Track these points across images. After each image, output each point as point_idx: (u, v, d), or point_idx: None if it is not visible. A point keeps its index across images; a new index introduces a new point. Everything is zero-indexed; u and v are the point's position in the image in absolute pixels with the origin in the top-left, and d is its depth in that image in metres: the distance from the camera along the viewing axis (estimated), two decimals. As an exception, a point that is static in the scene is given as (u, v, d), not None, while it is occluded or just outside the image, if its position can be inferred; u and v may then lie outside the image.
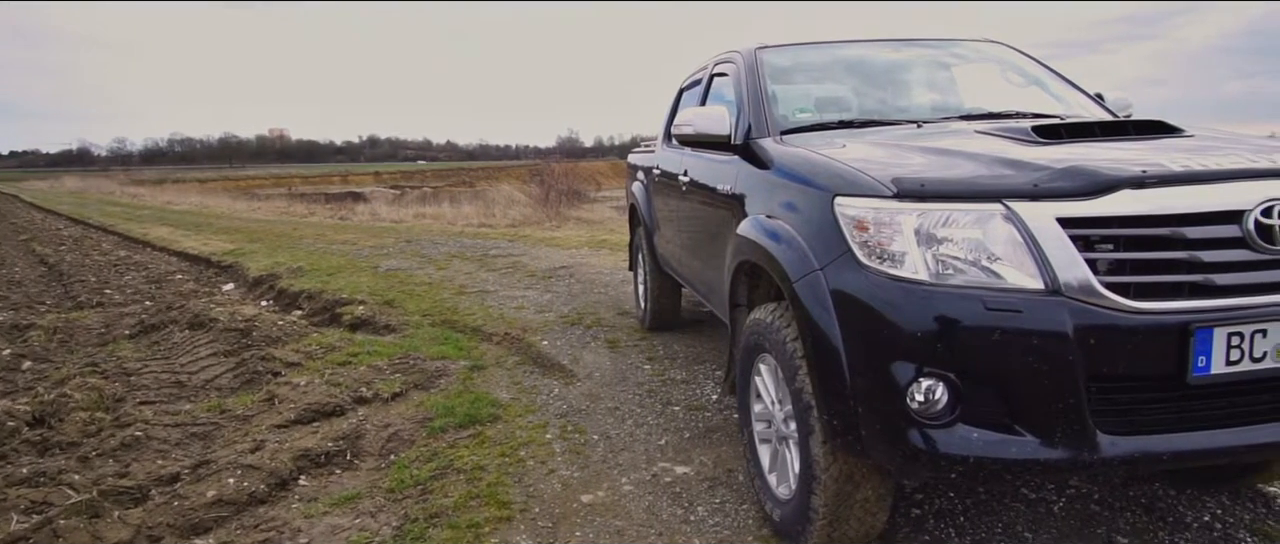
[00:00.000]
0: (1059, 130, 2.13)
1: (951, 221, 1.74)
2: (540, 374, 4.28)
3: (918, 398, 1.70)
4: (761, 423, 2.54)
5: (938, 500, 2.63)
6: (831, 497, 2.06)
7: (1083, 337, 1.59)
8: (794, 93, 3.22)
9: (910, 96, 3.19)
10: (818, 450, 2.03)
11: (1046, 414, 1.64)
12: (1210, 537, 2.39)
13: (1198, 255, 1.64)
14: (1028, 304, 1.63)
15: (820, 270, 1.92)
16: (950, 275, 1.71)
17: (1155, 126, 2.22)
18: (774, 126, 2.77)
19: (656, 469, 3.00)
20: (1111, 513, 2.55)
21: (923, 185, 1.79)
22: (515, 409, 3.69)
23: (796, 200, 2.20)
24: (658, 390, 3.93)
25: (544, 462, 3.09)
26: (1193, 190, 1.68)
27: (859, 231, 1.84)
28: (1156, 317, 1.60)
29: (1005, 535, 2.42)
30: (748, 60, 3.21)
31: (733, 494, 2.76)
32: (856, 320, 1.80)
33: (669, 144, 4.24)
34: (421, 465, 3.07)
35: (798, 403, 2.08)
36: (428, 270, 8.17)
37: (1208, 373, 1.61)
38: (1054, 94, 3.20)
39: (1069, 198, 1.68)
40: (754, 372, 2.51)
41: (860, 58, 3.41)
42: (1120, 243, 1.66)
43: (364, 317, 5.79)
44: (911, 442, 1.72)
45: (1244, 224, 1.65)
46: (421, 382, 4.11)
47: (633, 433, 3.38)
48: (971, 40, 3.61)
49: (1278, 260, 1.66)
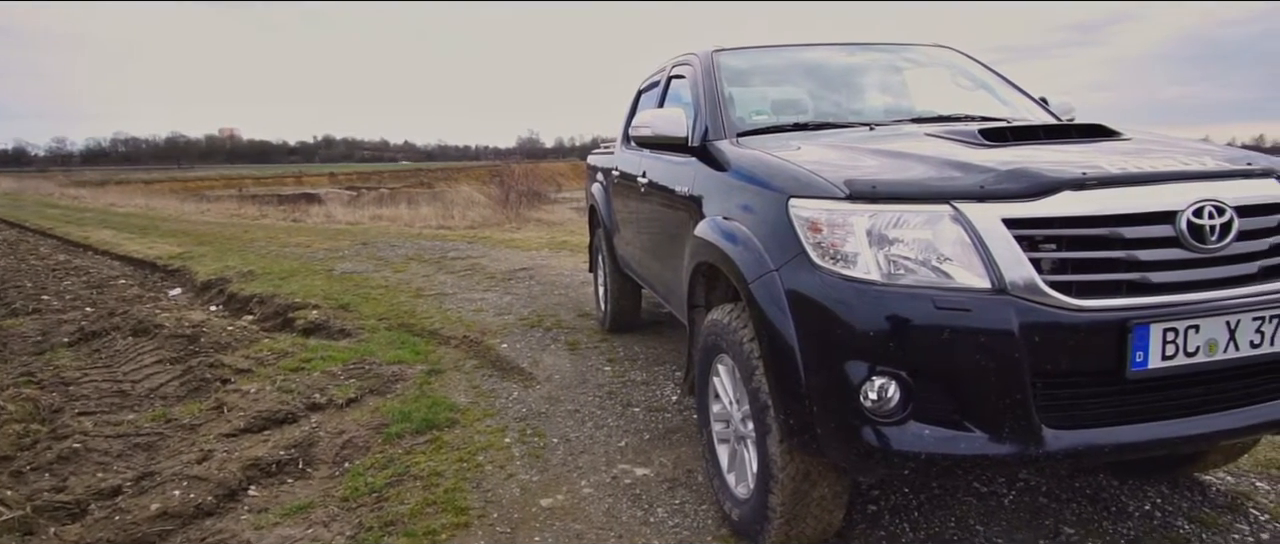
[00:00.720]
0: (1005, 133, 2.18)
1: (902, 222, 1.77)
2: (499, 377, 4.24)
3: (871, 396, 1.73)
4: (720, 423, 2.56)
5: (893, 496, 2.68)
6: (789, 495, 2.08)
7: (1028, 334, 1.64)
8: (750, 95, 3.25)
9: (863, 99, 3.25)
10: (775, 450, 2.05)
11: (994, 410, 1.68)
12: (1151, 524, 2.48)
13: (1135, 254, 1.70)
14: (976, 303, 1.67)
15: (775, 271, 1.94)
16: (901, 275, 1.74)
17: (1095, 130, 2.30)
18: (730, 129, 2.79)
19: (617, 471, 2.99)
20: (1059, 504, 2.63)
21: (874, 187, 1.82)
22: (474, 413, 3.65)
23: (752, 202, 2.21)
24: (618, 392, 3.92)
25: (503, 466, 3.06)
26: (1129, 192, 1.74)
27: (813, 233, 1.86)
28: (1097, 314, 1.65)
29: (958, 529, 2.48)
30: (704, 63, 3.23)
31: (692, 495, 2.77)
32: (811, 320, 1.82)
33: (628, 146, 4.24)
34: (377, 473, 3.01)
35: (755, 403, 2.10)
36: (384, 273, 8.03)
37: (1145, 368, 1.67)
38: (1001, 98, 3.28)
39: (1014, 199, 1.72)
40: (712, 372, 2.53)
41: (815, 61, 3.46)
42: (1062, 242, 1.71)
43: (318, 321, 5.67)
44: (865, 439, 1.75)
45: (1177, 224, 1.71)
46: (377, 387, 4.03)
47: (593, 435, 3.37)
48: (923, 45, 3.69)
49: (1208, 259, 1.73)
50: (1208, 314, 1.69)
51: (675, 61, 3.76)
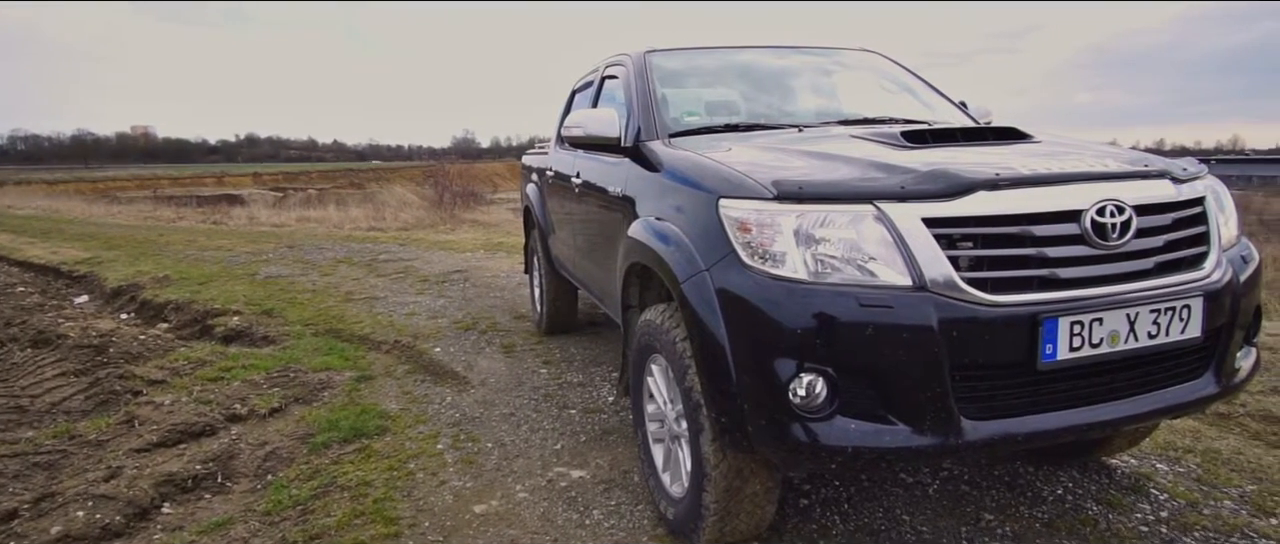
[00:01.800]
0: (925, 135, 2.26)
1: (828, 222, 1.81)
2: (432, 382, 4.15)
3: (799, 393, 1.76)
4: (655, 423, 2.57)
5: (824, 490, 2.74)
6: (722, 492, 2.10)
7: (947, 329, 1.69)
8: (683, 96, 3.26)
9: (793, 101, 3.31)
10: (707, 448, 2.06)
11: (916, 403, 1.73)
12: (1063, 507, 2.61)
13: (1044, 251, 1.78)
14: (897, 300, 1.72)
15: (706, 271, 1.95)
16: (828, 274, 1.78)
17: (1009, 133, 2.40)
18: (663, 129, 2.80)
19: (552, 474, 2.97)
20: (979, 492, 2.74)
21: (800, 188, 1.85)
22: (405, 420, 3.56)
23: (684, 202, 2.22)
24: (554, 394, 3.89)
25: (435, 473, 2.99)
26: (1039, 192, 1.82)
27: (742, 233, 1.89)
28: (1010, 309, 1.72)
29: (886, 519, 2.55)
30: (637, 63, 3.23)
31: (628, 496, 2.77)
32: (741, 319, 1.84)
33: (562, 146, 4.21)
34: (301, 484, 2.90)
35: (688, 402, 2.11)
36: (311, 277, 7.76)
37: (1055, 359, 1.75)
38: (923, 101, 3.40)
39: (933, 199, 1.78)
40: (646, 373, 2.53)
41: (746, 63, 3.50)
42: (978, 241, 1.78)
43: (239, 328, 5.43)
44: (794, 435, 1.78)
45: (1082, 222, 1.80)
46: (303, 395, 3.89)
47: (528, 439, 3.33)
48: (850, 49, 3.79)
49: (1111, 255, 1.83)
50: (1110, 307, 1.78)
51: (608, 62, 3.75)
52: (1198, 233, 2.01)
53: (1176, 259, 1.94)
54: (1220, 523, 2.49)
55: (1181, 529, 2.46)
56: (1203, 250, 2.00)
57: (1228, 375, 2.06)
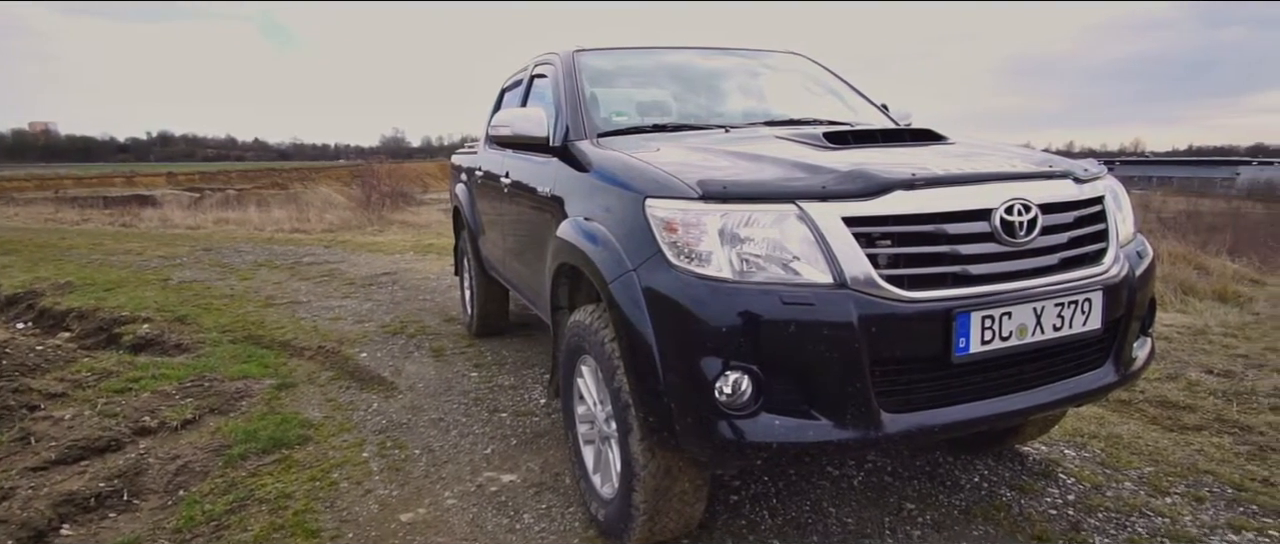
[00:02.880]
0: (846, 136, 2.31)
1: (752, 222, 1.83)
2: (358, 389, 4.02)
3: (725, 391, 1.78)
4: (585, 424, 2.55)
5: (753, 486, 2.77)
6: (651, 492, 2.10)
7: (866, 325, 1.74)
8: (611, 96, 3.25)
9: (720, 102, 3.34)
10: (636, 448, 2.06)
11: (838, 398, 1.77)
12: (979, 495, 2.72)
13: (957, 249, 1.85)
14: (819, 298, 1.75)
15: (634, 271, 1.95)
16: (752, 273, 1.80)
17: (926, 134, 2.49)
18: (591, 129, 2.78)
19: (482, 479, 2.91)
20: (901, 482, 2.82)
21: (725, 188, 1.87)
22: (328, 428, 3.44)
23: (612, 202, 2.22)
24: (485, 398, 3.83)
25: (360, 482, 2.89)
26: (952, 191, 1.89)
27: (668, 232, 1.89)
28: (925, 304, 1.78)
29: (812, 512, 2.60)
30: (566, 62, 3.20)
31: (560, 498, 2.74)
32: (668, 318, 1.84)
33: (491, 145, 4.15)
34: (216, 499, 2.76)
35: (617, 402, 2.10)
36: (229, 281, 7.41)
37: (968, 352, 1.82)
38: (847, 103, 3.49)
39: (852, 198, 1.83)
40: (576, 374, 2.51)
41: (675, 64, 3.52)
42: (895, 239, 1.83)
43: (150, 336, 5.14)
44: (721, 433, 1.79)
45: (992, 220, 1.88)
46: (218, 405, 3.70)
47: (457, 444, 3.26)
48: (777, 51, 3.85)
49: (1018, 252, 1.91)
50: (1019, 302, 1.87)
51: (537, 60, 3.71)
52: (1098, 230, 2.12)
53: (1078, 255, 2.04)
54: (1121, 503, 2.64)
55: (1087, 511, 2.60)
56: (1102, 247, 2.11)
57: (1126, 364, 2.18)
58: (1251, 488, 2.75)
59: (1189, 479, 2.83)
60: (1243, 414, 3.48)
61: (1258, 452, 3.09)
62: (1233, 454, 3.08)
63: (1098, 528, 2.49)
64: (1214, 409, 3.56)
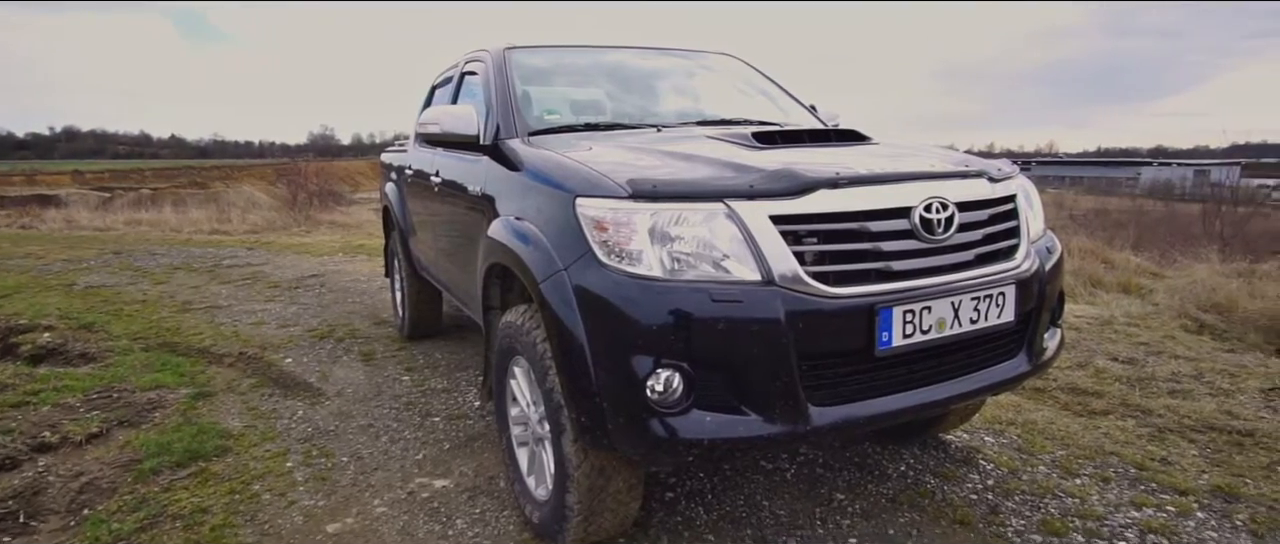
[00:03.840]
0: (774, 136, 2.35)
1: (682, 220, 1.84)
2: (282, 396, 3.87)
3: (656, 389, 1.78)
4: (518, 426, 2.52)
5: (689, 482, 2.79)
6: (585, 492, 2.09)
7: (793, 321, 1.77)
8: (543, 94, 3.22)
9: (652, 102, 3.35)
10: (569, 448, 2.05)
11: (767, 393, 1.79)
12: (906, 483, 2.81)
13: (879, 246, 1.90)
14: (747, 295, 1.77)
15: (564, 270, 1.93)
16: (682, 271, 1.81)
17: (850, 135, 2.55)
18: (522, 128, 2.75)
19: (413, 486, 2.85)
20: (832, 473, 2.89)
21: (654, 187, 1.87)
22: (249, 438, 3.29)
23: (542, 202, 2.19)
24: (417, 402, 3.74)
25: (283, 494, 2.78)
26: (874, 190, 1.94)
27: (599, 231, 1.88)
28: (850, 300, 1.83)
29: (746, 506, 2.64)
30: (497, 60, 3.16)
31: (494, 502, 2.70)
32: (599, 318, 1.84)
33: (422, 143, 4.05)
34: (124, 517, 2.61)
35: (549, 403, 2.08)
36: (142, 285, 7.03)
37: (890, 346, 1.87)
38: (777, 104, 3.55)
39: (779, 197, 1.86)
40: (509, 375, 2.48)
41: (608, 63, 3.51)
42: (821, 236, 1.87)
43: (51, 345, 4.82)
44: (653, 431, 1.79)
45: (912, 218, 1.94)
46: (128, 417, 3.50)
47: (388, 450, 3.18)
48: (711, 52, 3.89)
49: (937, 248, 1.98)
50: (938, 296, 1.93)
51: (468, 57, 3.65)
52: (1010, 227, 2.22)
53: (993, 251, 2.13)
54: (1036, 486, 2.78)
55: (1004, 495, 2.72)
56: (1015, 243, 2.21)
57: (1038, 354, 2.29)
58: (1151, 467, 2.93)
59: (1096, 461, 3.00)
60: (1144, 398, 3.71)
61: (1157, 433, 3.30)
62: (1135, 436, 3.27)
63: (1014, 510, 2.60)
64: (1119, 394, 3.78)
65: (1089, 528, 2.48)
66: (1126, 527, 2.49)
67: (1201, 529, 2.48)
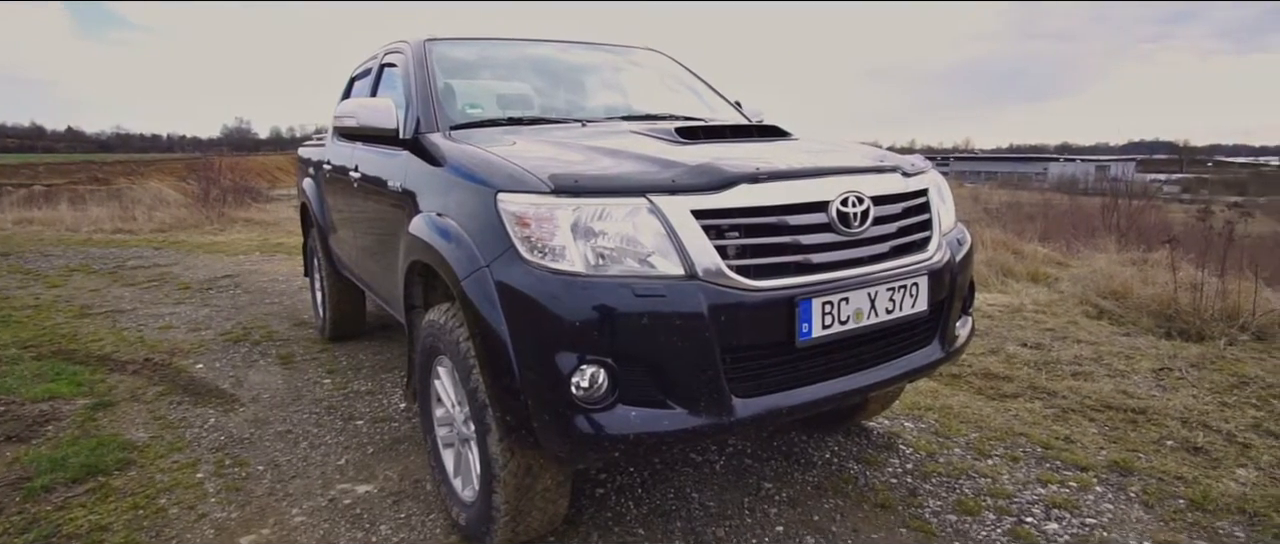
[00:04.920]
0: (697, 132, 2.37)
1: (605, 216, 1.83)
2: (191, 404, 3.67)
3: (581, 385, 1.77)
4: (444, 427, 2.47)
5: (619, 477, 2.80)
6: (512, 492, 2.06)
7: (716, 315, 1.79)
8: (466, 87, 3.15)
9: (577, 96, 3.32)
10: (495, 448, 2.01)
11: (691, 387, 1.81)
12: (830, 470, 2.89)
13: (798, 239, 1.94)
14: (671, 289, 1.78)
15: (486, 267, 1.90)
16: (605, 266, 1.80)
17: (772, 130, 2.59)
18: (444, 122, 2.68)
19: (335, 492, 2.75)
20: (760, 463, 2.95)
21: (577, 182, 1.86)
22: (155, 450, 3.11)
23: (464, 197, 2.15)
24: (339, 406, 3.61)
25: (192, 507, 2.64)
26: (793, 184, 1.98)
27: (521, 227, 1.85)
28: (771, 293, 1.86)
29: (676, 498, 2.66)
30: (417, 52, 3.07)
31: (420, 506, 2.64)
32: (522, 315, 1.81)
33: (340, 137, 3.91)
34: (12, 539, 2.43)
35: (474, 402, 2.04)
36: (34, 289, 6.56)
37: (810, 337, 1.91)
38: (702, 100, 3.58)
39: (701, 192, 1.87)
40: (433, 375, 2.42)
41: (532, 57, 3.46)
42: (742, 230, 1.90)
43: (-72, 356, 4.44)
44: (579, 428, 1.78)
45: (829, 212, 1.99)
46: (17, 432, 3.26)
47: (307, 456, 3.06)
48: (637, 47, 3.89)
49: (853, 241, 2.03)
50: (855, 288, 1.99)
51: (387, 49, 3.54)
52: (923, 220, 2.30)
53: (906, 243, 2.20)
54: (951, 468, 2.90)
55: (922, 477, 2.83)
56: (927, 235, 2.29)
57: (950, 341, 2.38)
58: (1056, 446, 3.10)
59: (1007, 442, 3.15)
60: (1050, 381, 3.92)
61: (1061, 413, 3.49)
62: (1042, 417, 3.45)
63: (931, 492, 2.71)
64: (1027, 378, 3.98)
65: (999, 506, 2.60)
66: (1033, 503, 2.63)
67: (1099, 502, 2.64)
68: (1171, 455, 3.02)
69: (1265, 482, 2.78)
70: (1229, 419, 3.37)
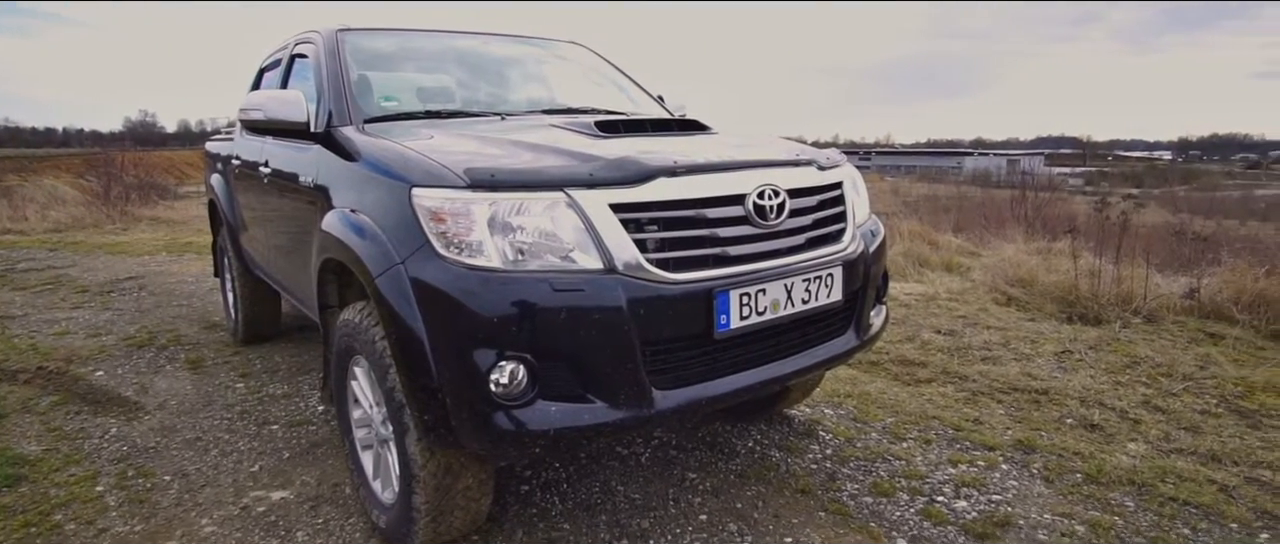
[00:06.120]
0: (617, 125, 2.37)
1: (522, 210, 1.81)
2: (91, 413, 3.46)
3: (500, 382, 1.75)
4: (362, 429, 2.40)
5: (545, 473, 2.78)
6: (432, 492, 2.03)
7: (635, 308, 1.80)
8: (382, 80, 3.06)
9: (498, 90, 3.27)
10: (414, 448, 1.98)
11: (611, 380, 1.81)
12: (753, 458, 2.95)
13: (716, 232, 1.96)
14: (589, 284, 1.78)
15: (401, 264, 1.85)
16: (523, 261, 1.79)
17: (692, 125, 2.62)
18: (357, 115, 2.60)
19: (248, 500, 2.64)
20: (685, 454, 2.98)
21: (493, 176, 1.83)
22: (50, 463, 2.92)
23: (378, 193, 2.09)
24: (252, 410, 3.47)
25: (92, 522, 2.49)
26: (711, 178, 2.01)
27: (436, 223, 1.82)
28: (689, 285, 1.88)
29: (602, 492, 2.67)
30: (329, 41, 2.97)
31: (339, 510, 2.56)
32: (438, 312, 1.78)
33: (249, 131, 3.74)
34: (-118, 565, 2.24)
35: (391, 403, 2.00)
36: (-90, 296, 6.04)
37: (728, 329, 1.94)
38: (626, 94, 3.58)
39: (619, 186, 1.87)
40: (350, 376, 2.36)
41: (450, 49, 3.39)
42: (660, 224, 1.91)
43: None
44: (498, 425, 1.76)
45: (746, 205, 2.02)
46: (-112, 449, 3.00)
47: (218, 464, 2.93)
48: (559, 41, 3.86)
49: (770, 233, 2.07)
50: (771, 279, 2.03)
51: (298, 38, 3.40)
52: (838, 212, 2.37)
53: (822, 235, 2.26)
54: (869, 452, 3.00)
55: (841, 462, 2.92)
56: (842, 227, 2.36)
57: (865, 330, 2.46)
58: (966, 428, 3.25)
59: (921, 425, 3.29)
60: (961, 366, 4.11)
61: (971, 397, 3.67)
62: (954, 400, 3.62)
63: (849, 476, 2.80)
64: (941, 364, 4.16)
65: (913, 487, 2.71)
66: (944, 482, 2.75)
67: (1005, 479, 2.78)
68: (1070, 433, 3.22)
69: (1153, 454, 2.98)
70: (1122, 397, 3.60)
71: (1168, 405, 3.49)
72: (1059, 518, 2.49)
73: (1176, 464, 2.87)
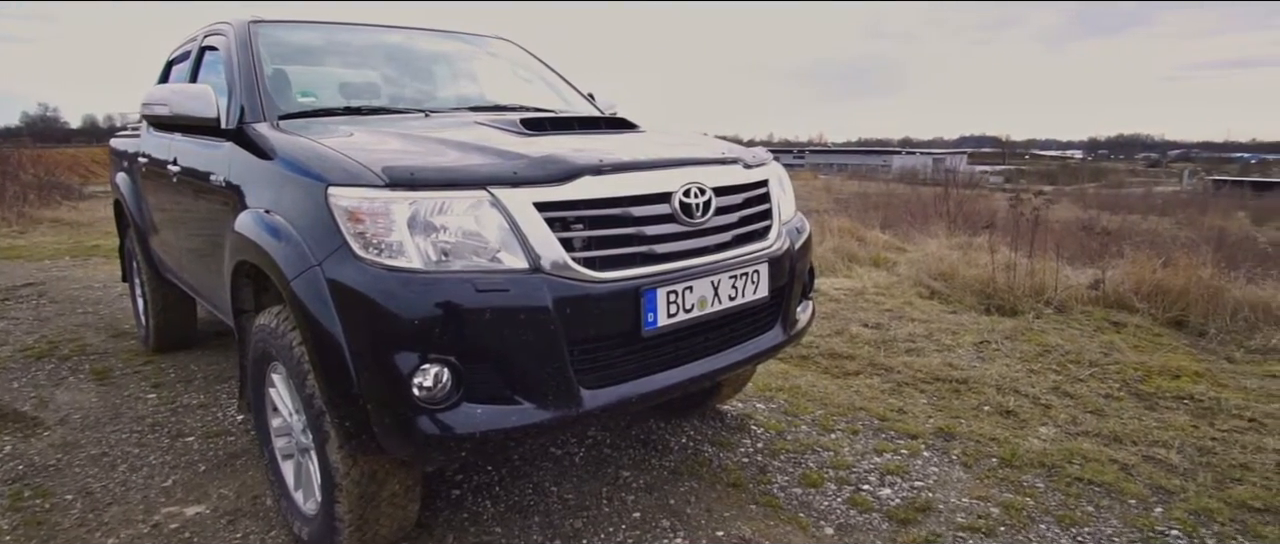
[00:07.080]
0: (543, 123, 2.35)
1: (444, 209, 1.77)
2: (-18, 430, 3.22)
3: (424, 385, 1.71)
4: (282, 437, 2.32)
5: (476, 477, 2.74)
6: (356, 501, 1.97)
7: (561, 307, 1.78)
8: (298, 74, 2.94)
9: (422, 86, 3.20)
10: (335, 456, 1.91)
11: (538, 381, 1.79)
12: (687, 454, 2.97)
13: (643, 230, 1.97)
14: (514, 283, 1.76)
15: (318, 266, 1.79)
16: (445, 262, 1.75)
17: (619, 123, 2.62)
18: (272, 111, 2.50)
19: (159, 517, 2.51)
20: (618, 452, 2.98)
21: (413, 174, 1.79)
22: (-67, 485, 2.71)
23: (293, 192, 2.01)
24: (165, 422, 3.30)
25: (-20, 547, 2.33)
26: (637, 176, 2.01)
27: (354, 223, 1.76)
28: (616, 284, 1.87)
29: (535, 493, 2.64)
30: (240, 34, 2.84)
31: (259, 524, 2.46)
32: (357, 315, 1.72)
33: (156, 127, 3.55)
34: None
35: (310, 410, 1.93)
36: None
37: (656, 327, 1.95)
38: (555, 91, 3.55)
39: (543, 184, 1.85)
40: (267, 383, 2.27)
41: (372, 43, 3.29)
42: (586, 222, 1.90)
43: None
44: (423, 429, 1.72)
45: (672, 203, 2.03)
46: None
47: (127, 480, 2.77)
48: (489, 37, 3.80)
49: (696, 231, 2.09)
50: (698, 276, 2.05)
51: (208, 30, 3.25)
52: (764, 210, 2.41)
53: (748, 232, 2.29)
54: (798, 444, 3.06)
55: (772, 455, 2.97)
56: (768, 224, 2.40)
57: (791, 325, 2.51)
58: (891, 418, 3.36)
59: (848, 416, 3.37)
60: (887, 358, 4.24)
61: (896, 387, 3.79)
62: (880, 392, 3.73)
63: (779, 468, 2.85)
64: (868, 356, 4.28)
65: (840, 476, 2.78)
66: (870, 471, 2.83)
67: (927, 466, 2.88)
68: (987, 419, 3.36)
69: (1062, 437, 3.14)
70: (1035, 384, 3.79)
71: (1075, 391, 3.69)
72: (976, 501, 2.60)
73: (1082, 446, 3.03)
